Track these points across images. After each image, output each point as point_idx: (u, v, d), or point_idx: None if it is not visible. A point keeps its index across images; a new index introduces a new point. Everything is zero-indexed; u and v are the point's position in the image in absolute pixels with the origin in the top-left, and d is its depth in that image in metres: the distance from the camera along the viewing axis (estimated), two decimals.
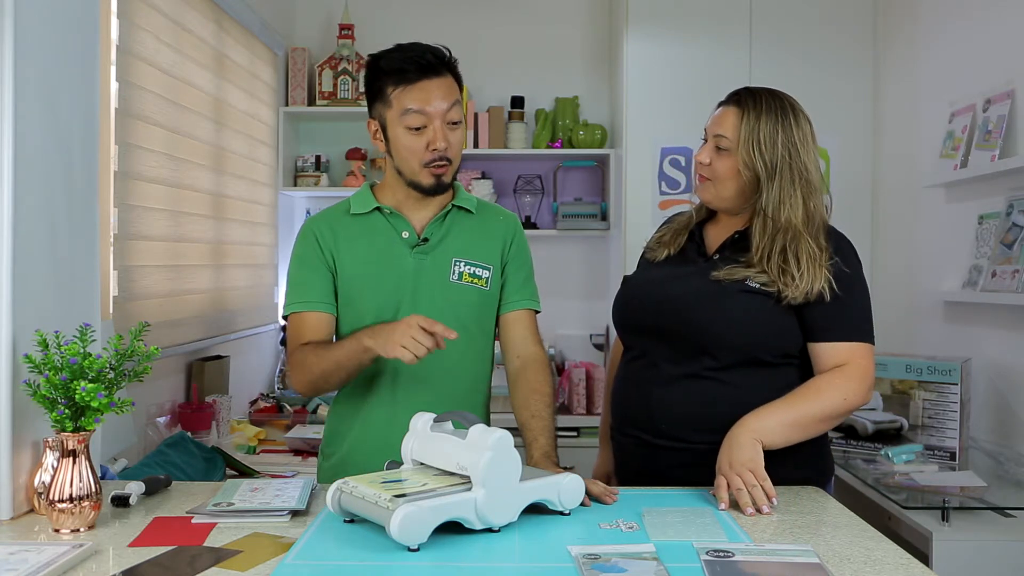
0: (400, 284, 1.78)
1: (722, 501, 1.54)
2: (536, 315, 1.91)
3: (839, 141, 3.53)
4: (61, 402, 1.40)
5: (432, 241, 1.81)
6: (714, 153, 1.75)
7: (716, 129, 1.75)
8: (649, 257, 1.89)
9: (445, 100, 1.73)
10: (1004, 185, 2.60)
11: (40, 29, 1.55)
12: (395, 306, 1.78)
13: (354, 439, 1.83)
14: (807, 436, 1.68)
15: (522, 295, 1.88)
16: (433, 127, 1.73)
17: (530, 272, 1.92)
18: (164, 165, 2.69)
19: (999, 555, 2.03)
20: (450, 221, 1.83)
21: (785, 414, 1.65)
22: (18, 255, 1.48)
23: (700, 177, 1.79)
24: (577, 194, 4.07)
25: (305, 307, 1.80)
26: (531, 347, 1.87)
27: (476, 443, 1.39)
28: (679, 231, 1.87)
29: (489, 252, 1.85)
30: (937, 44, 3.06)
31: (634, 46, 3.55)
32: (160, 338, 2.53)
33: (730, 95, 1.78)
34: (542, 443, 1.72)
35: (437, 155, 1.74)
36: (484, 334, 1.86)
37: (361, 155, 3.96)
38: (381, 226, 1.82)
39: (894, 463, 2.44)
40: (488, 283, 1.83)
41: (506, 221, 1.91)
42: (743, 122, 1.72)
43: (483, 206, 1.90)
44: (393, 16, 4.00)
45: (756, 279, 1.70)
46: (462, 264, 1.81)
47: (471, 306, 1.82)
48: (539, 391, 1.80)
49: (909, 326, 3.16)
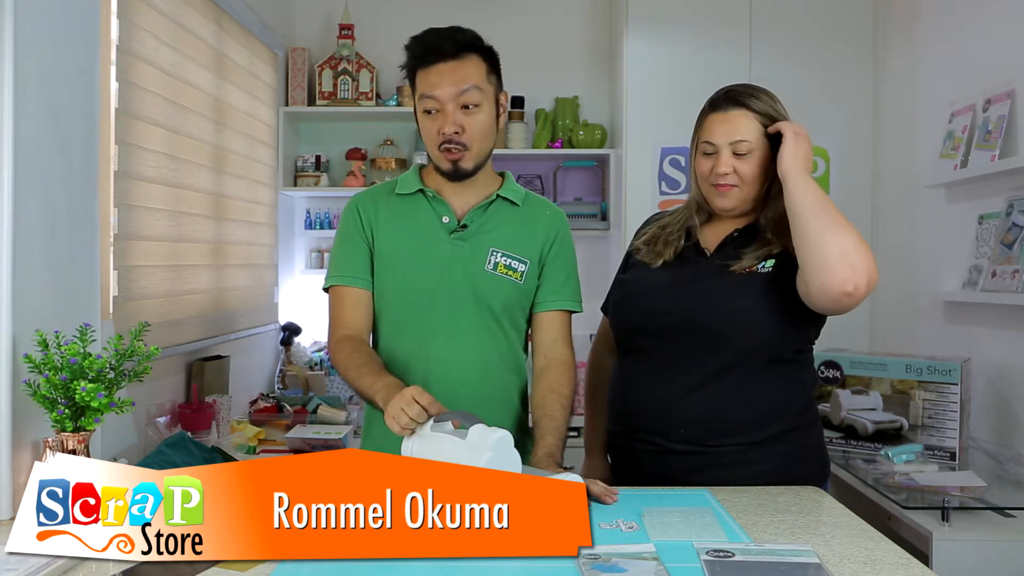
0: (433, 268, 1.77)
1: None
2: (572, 315, 1.87)
3: (839, 141, 3.53)
4: (61, 402, 1.41)
5: (471, 228, 1.79)
6: (734, 160, 1.74)
7: (732, 136, 1.73)
8: (644, 260, 1.85)
9: (455, 84, 1.70)
10: (1004, 185, 2.60)
11: (40, 29, 1.55)
12: (427, 290, 1.77)
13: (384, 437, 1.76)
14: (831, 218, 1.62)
15: (559, 295, 1.84)
16: (444, 111, 1.71)
17: (572, 271, 1.87)
18: (164, 165, 2.68)
19: (999, 555, 2.03)
20: (493, 210, 1.81)
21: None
22: (18, 255, 1.48)
23: (722, 187, 1.75)
24: (577, 194, 4.07)
25: (342, 281, 1.81)
26: (560, 349, 1.84)
27: (476, 443, 1.39)
28: (673, 236, 1.84)
29: (528, 246, 1.81)
30: (937, 44, 3.06)
31: (634, 46, 3.55)
32: (160, 338, 2.53)
33: (724, 101, 1.77)
34: (548, 442, 1.71)
35: (445, 139, 1.71)
36: (515, 328, 1.84)
37: (361, 155, 3.96)
38: (423, 208, 1.81)
39: (894, 463, 2.44)
40: (523, 277, 1.80)
41: (552, 216, 1.87)
42: (762, 118, 1.73)
43: (531, 199, 1.87)
44: (393, 16, 4.00)
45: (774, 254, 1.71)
46: (499, 255, 1.79)
47: (503, 298, 1.79)
48: (557, 391, 1.78)
49: (909, 326, 3.16)
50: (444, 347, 1.77)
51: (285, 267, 3.96)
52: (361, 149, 3.97)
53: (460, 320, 1.77)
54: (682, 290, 1.76)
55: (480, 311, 1.77)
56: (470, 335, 1.77)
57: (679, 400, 1.73)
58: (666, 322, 1.75)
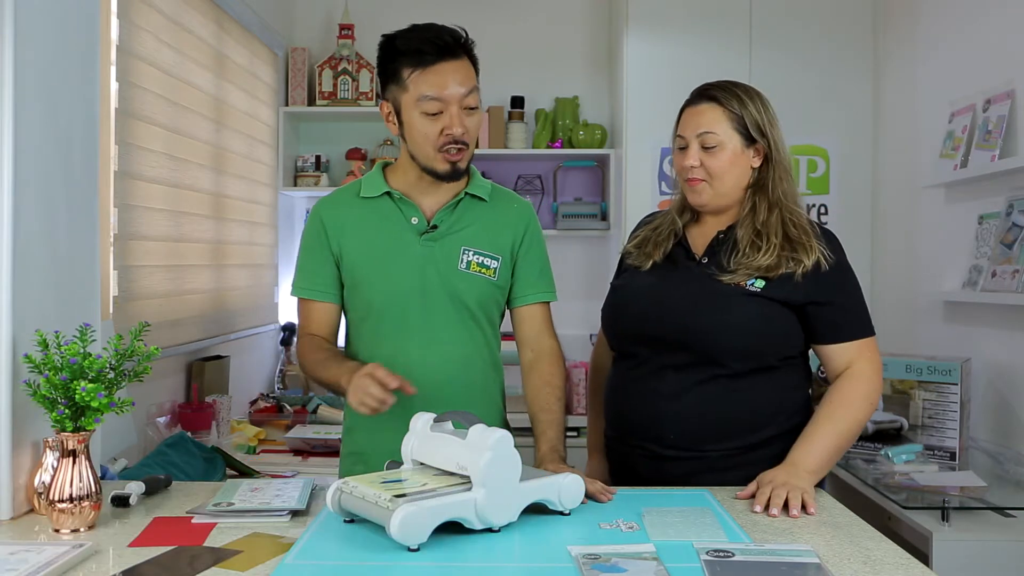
0: (407, 271, 1.76)
1: (759, 504, 1.54)
2: (550, 305, 1.89)
3: (839, 141, 3.52)
4: (61, 402, 1.41)
5: (441, 228, 1.78)
6: (702, 154, 1.74)
7: (698, 128, 1.74)
8: (635, 264, 1.86)
9: (462, 85, 1.68)
10: (1004, 185, 2.60)
11: (40, 29, 1.55)
12: (402, 293, 1.76)
13: (368, 434, 1.81)
14: (845, 451, 1.73)
15: (536, 288, 1.86)
16: (449, 112, 1.68)
17: (545, 261, 1.89)
18: (164, 165, 2.69)
19: (999, 555, 2.03)
20: (462, 209, 1.80)
21: (829, 441, 1.67)
22: (18, 255, 1.48)
23: (691, 181, 1.76)
24: (577, 194, 4.07)
25: (309, 295, 1.83)
26: (545, 340, 1.86)
27: (476, 443, 1.39)
28: (662, 238, 1.84)
29: (499, 242, 1.81)
30: (937, 44, 3.06)
31: (634, 46, 3.55)
32: (160, 338, 2.53)
33: (696, 96, 1.78)
34: (550, 436, 1.73)
35: (451, 139, 1.69)
36: (491, 323, 1.85)
37: (361, 155, 3.95)
38: (390, 211, 1.79)
39: (894, 463, 2.44)
40: (496, 273, 1.80)
41: (520, 210, 1.87)
42: (731, 113, 1.73)
43: (497, 193, 1.87)
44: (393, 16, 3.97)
45: (762, 266, 1.70)
46: (471, 253, 1.78)
47: (478, 296, 1.79)
48: (550, 383, 1.80)
49: (909, 326, 3.16)
50: (423, 349, 1.77)
51: (285, 267, 3.95)
52: (361, 149, 3.97)
53: (437, 321, 1.77)
54: (670, 299, 1.76)
55: (457, 311, 1.78)
56: (448, 335, 1.78)
57: (669, 406, 1.73)
58: (654, 331, 1.76)
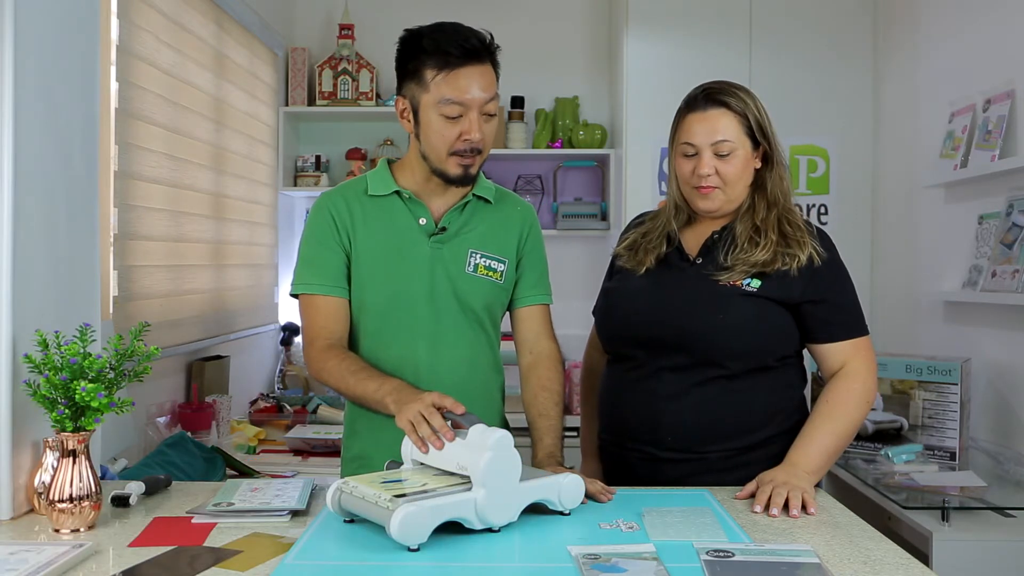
0: (415, 272, 1.74)
1: (759, 504, 1.54)
2: (549, 307, 1.89)
3: (839, 141, 3.52)
4: (61, 402, 1.40)
5: (450, 231, 1.76)
6: (716, 161, 1.73)
7: (713, 136, 1.71)
8: (628, 267, 1.85)
9: (485, 91, 1.66)
10: (1004, 185, 2.60)
11: (40, 29, 1.55)
12: (410, 295, 1.74)
13: (371, 434, 1.80)
14: (843, 450, 1.74)
15: (536, 290, 1.85)
16: (469, 117, 1.65)
17: (545, 265, 1.89)
18: (164, 165, 2.69)
19: (999, 555, 2.03)
20: (469, 211, 1.79)
21: (827, 441, 1.67)
22: (18, 255, 1.48)
23: (704, 189, 1.74)
24: (577, 194, 4.07)
25: (319, 290, 1.74)
26: (544, 342, 1.85)
27: (476, 443, 1.39)
28: (653, 244, 1.83)
29: (505, 245, 1.81)
30: (937, 44, 3.06)
31: (634, 46, 3.55)
32: (160, 338, 2.53)
33: (702, 100, 1.74)
34: (547, 443, 1.72)
35: (469, 146, 1.67)
36: (494, 326, 1.85)
37: (361, 155, 3.96)
38: (399, 210, 1.77)
39: (894, 463, 2.44)
40: (503, 276, 1.80)
41: (523, 212, 1.87)
42: (742, 118, 1.72)
43: (501, 195, 1.86)
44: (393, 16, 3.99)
45: (759, 262, 1.70)
46: (478, 256, 1.77)
47: (484, 299, 1.78)
48: (548, 388, 1.80)
49: (909, 326, 3.16)
50: (431, 351, 1.75)
51: (285, 267, 3.95)
52: (361, 149, 3.97)
53: (445, 323, 1.76)
54: (665, 300, 1.75)
55: (464, 313, 1.77)
56: (455, 337, 1.77)
57: (665, 408, 1.73)
58: (650, 333, 1.75)
